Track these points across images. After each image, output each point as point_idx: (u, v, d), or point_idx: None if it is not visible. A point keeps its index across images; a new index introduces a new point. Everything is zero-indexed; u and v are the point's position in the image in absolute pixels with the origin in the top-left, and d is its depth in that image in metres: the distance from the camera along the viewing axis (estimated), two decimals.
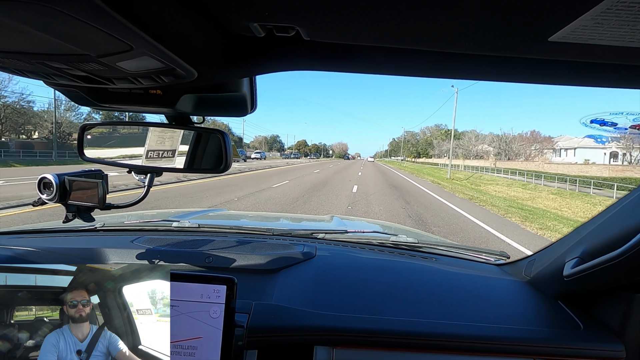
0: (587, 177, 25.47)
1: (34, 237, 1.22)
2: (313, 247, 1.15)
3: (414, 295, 0.93)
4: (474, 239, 6.42)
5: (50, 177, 0.72)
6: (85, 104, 0.75)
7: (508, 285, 1.05)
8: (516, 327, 0.81)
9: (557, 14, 0.39)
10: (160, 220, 1.49)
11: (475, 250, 1.32)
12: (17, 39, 0.42)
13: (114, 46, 0.43)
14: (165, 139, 0.88)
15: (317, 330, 0.77)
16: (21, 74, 0.58)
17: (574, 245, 0.85)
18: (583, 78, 0.61)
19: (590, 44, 0.45)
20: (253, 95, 0.75)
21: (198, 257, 1.01)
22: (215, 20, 0.47)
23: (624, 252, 0.66)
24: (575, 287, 0.85)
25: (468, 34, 0.46)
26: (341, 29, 0.47)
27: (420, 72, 0.64)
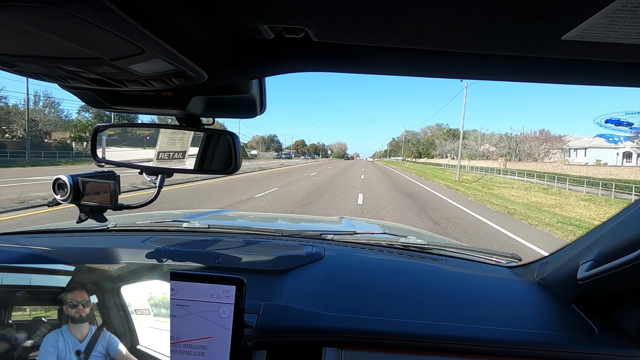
0: (620, 180, 22.59)
1: (49, 236, 1.25)
2: (322, 248, 1.15)
3: (423, 297, 0.93)
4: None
5: (65, 178, 0.74)
6: (99, 106, 0.77)
7: (520, 287, 1.03)
8: (529, 331, 0.80)
9: (571, 12, 0.38)
10: (171, 221, 1.51)
11: (486, 252, 1.30)
12: (33, 43, 0.43)
13: (126, 49, 0.44)
14: (175, 140, 0.89)
15: (325, 331, 0.76)
16: (37, 77, 0.59)
17: (589, 247, 0.83)
18: (597, 77, 0.60)
19: (605, 42, 0.44)
20: (262, 97, 0.76)
21: (208, 257, 1.02)
22: (225, 23, 0.47)
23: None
24: (590, 291, 0.83)
25: (479, 33, 0.45)
26: (350, 30, 0.47)
27: (431, 72, 0.64)
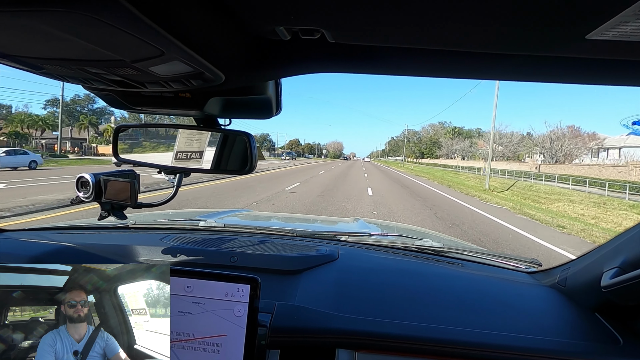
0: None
1: (73, 233, 1.30)
2: (336, 249, 1.14)
3: (439, 301, 0.91)
4: None
5: (88, 177, 0.76)
6: (121, 107, 0.80)
7: (540, 294, 1.00)
8: (549, 339, 0.77)
9: (597, 10, 0.36)
10: (188, 220, 1.54)
11: (504, 257, 1.27)
12: (59, 46, 0.45)
13: (147, 51, 0.45)
14: (193, 141, 0.91)
15: (339, 333, 0.76)
16: (62, 79, 0.62)
17: (613, 254, 0.80)
18: (623, 77, 0.57)
19: (632, 41, 0.42)
20: (278, 98, 0.77)
21: (223, 256, 1.03)
22: (242, 25, 0.48)
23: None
24: (614, 299, 0.79)
25: (499, 33, 0.44)
26: (365, 31, 0.47)
27: (450, 73, 0.63)
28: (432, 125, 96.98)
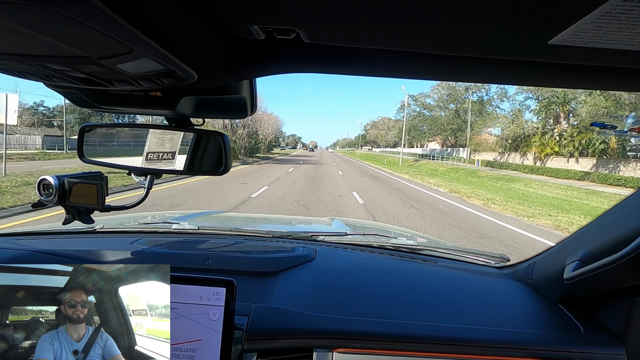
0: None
1: (33, 239, 1.22)
2: (313, 249, 1.15)
3: (414, 298, 0.93)
4: None
5: (50, 179, 0.72)
6: (86, 105, 0.75)
7: (509, 288, 1.05)
8: (517, 331, 0.81)
9: (558, 17, 0.39)
10: (160, 222, 1.49)
11: (475, 253, 1.32)
12: (17, 41, 0.42)
13: (114, 48, 0.43)
14: (165, 141, 0.88)
15: (316, 333, 0.76)
16: (21, 75, 0.58)
17: (575, 248, 0.85)
18: (582, 81, 0.62)
19: (590, 47, 0.45)
20: (253, 98, 0.75)
21: (197, 259, 1.01)
22: (216, 23, 0.47)
23: (625, 254, 0.66)
24: (576, 290, 0.85)
25: (468, 37, 0.46)
26: (341, 32, 0.47)
27: (419, 74, 0.64)
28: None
